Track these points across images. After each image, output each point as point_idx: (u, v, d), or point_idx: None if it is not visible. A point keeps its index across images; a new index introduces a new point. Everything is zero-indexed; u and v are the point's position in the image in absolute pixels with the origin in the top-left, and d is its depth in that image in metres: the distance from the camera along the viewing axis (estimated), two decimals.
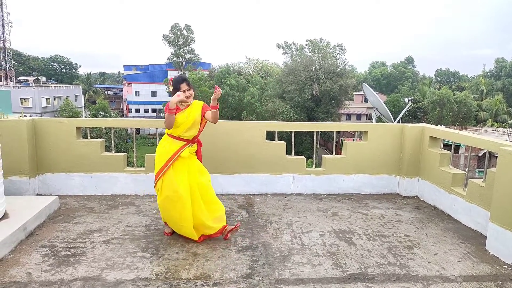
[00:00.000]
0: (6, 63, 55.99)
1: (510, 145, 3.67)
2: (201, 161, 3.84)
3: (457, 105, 42.13)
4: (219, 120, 3.76)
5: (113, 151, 5.15)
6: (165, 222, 3.81)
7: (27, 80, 57.60)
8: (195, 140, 3.73)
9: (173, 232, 3.79)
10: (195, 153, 3.76)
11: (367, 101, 39.07)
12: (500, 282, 3.05)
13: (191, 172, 3.62)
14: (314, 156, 6.30)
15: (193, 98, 3.69)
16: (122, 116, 56.70)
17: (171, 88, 3.63)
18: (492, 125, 40.32)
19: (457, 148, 23.52)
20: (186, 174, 3.58)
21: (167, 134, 3.66)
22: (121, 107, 65.20)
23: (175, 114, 3.53)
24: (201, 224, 3.58)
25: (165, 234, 3.81)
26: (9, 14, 56.46)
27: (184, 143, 3.63)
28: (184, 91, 3.54)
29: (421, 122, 6.22)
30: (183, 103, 3.64)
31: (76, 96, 52.84)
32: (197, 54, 56.95)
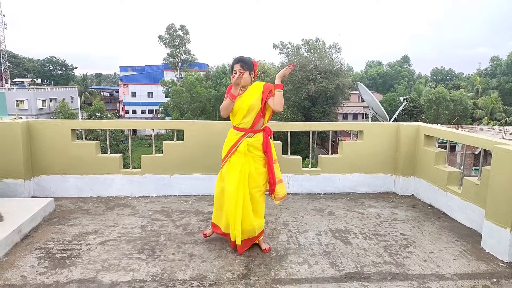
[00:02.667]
0: (1, 65, 55.70)
1: (505, 143, 3.69)
2: (269, 153, 3.38)
3: (453, 104, 42.29)
4: (216, 121, 3.61)
5: (109, 153, 5.13)
6: (213, 223, 3.61)
7: (23, 82, 57.19)
8: (256, 129, 3.34)
9: (211, 235, 3.67)
10: (260, 146, 3.35)
11: (363, 100, 39.20)
12: (495, 280, 3.06)
13: (242, 174, 3.28)
14: (311, 156, 6.30)
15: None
16: (119, 117, 56.53)
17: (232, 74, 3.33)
18: (488, 123, 40.50)
19: (453, 147, 23.62)
20: (238, 173, 3.27)
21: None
22: (118, 108, 65.03)
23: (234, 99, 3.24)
24: (251, 228, 3.35)
25: (203, 234, 3.71)
26: (4, 15, 56.14)
27: (242, 133, 3.31)
28: (236, 73, 3.22)
29: (417, 121, 6.23)
30: (241, 87, 3.32)
31: (72, 97, 52.59)
32: (193, 55, 56.91)
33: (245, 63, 3.32)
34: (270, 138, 3.47)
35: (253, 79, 3.41)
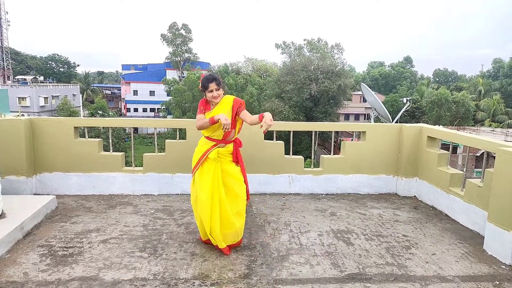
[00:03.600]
0: (4, 62, 55.81)
1: (508, 145, 3.68)
2: (240, 163, 3.53)
3: (455, 105, 42.22)
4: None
5: (111, 151, 5.13)
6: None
7: (25, 79, 57.40)
8: (227, 141, 3.46)
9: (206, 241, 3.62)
10: (230, 155, 3.47)
11: (365, 101, 39.14)
12: (497, 282, 3.05)
13: (215, 179, 3.37)
14: (313, 156, 6.29)
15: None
16: (120, 115, 56.60)
17: (199, 86, 3.46)
18: (490, 125, 40.41)
19: (455, 148, 23.58)
20: (211, 179, 3.36)
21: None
22: (119, 107, 65.09)
23: (204, 113, 3.39)
24: (233, 231, 3.39)
25: (200, 239, 3.70)
26: (7, 13, 56.20)
27: (214, 143, 3.43)
28: (212, 91, 3.34)
29: (419, 122, 6.22)
30: (212, 102, 3.44)
31: (74, 95, 52.71)
32: (195, 54, 56.93)
33: (219, 81, 3.40)
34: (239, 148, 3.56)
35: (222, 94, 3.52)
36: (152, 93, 58.45)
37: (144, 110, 58.24)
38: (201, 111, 3.45)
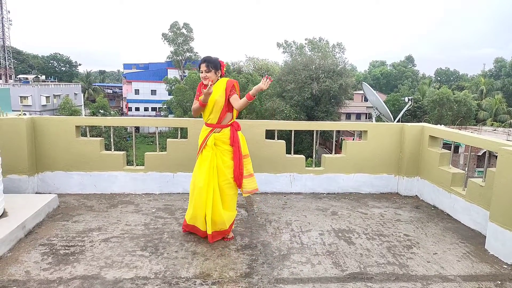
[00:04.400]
0: (5, 61, 55.91)
1: (510, 145, 3.67)
2: (235, 147, 3.51)
3: (456, 105, 42.11)
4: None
5: (113, 150, 5.14)
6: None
7: (27, 78, 57.50)
8: (223, 125, 3.49)
9: (186, 231, 3.75)
10: (228, 140, 3.49)
11: (366, 100, 39.06)
12: (499, 282, 3.05)
13: (211, 167, 3.44)
14: (314, 155, 6.29)
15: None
16: (122, 114, 56.66)
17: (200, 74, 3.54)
18: (491, 125, 40.30)
19: (456, 148, 23.53)
20: (207, 166, 3.43)
21: None
22: (121, 106, 65.16)
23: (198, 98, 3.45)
24: (221, 220, 3.48)
25: (183, 229, 3.82)
26: (9, 12, 56.31)
27: (211, 128, 3.49)
28: (202, 72, 3.44)
29: (421, 122, 6.21)
30: (205, 86, 3.45)
31: (75, 94, 52.75)
32: (197, 53, 56.91)
33: (210, 63, 3.46)
34: (239, 132, 3.60)
35: (219, 77, 3.55)
36: (153, 92, 58.49)
37: (146, 109, 58.30)
38: (196, 96, 3.52)
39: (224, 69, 3.58)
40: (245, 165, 3.58)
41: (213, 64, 3.46)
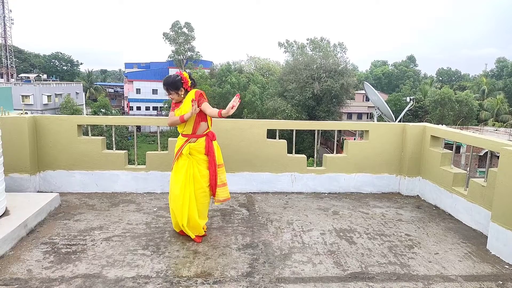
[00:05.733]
0: (7, 60, 56.00)
1: None
2: (210, 157, 3.60)
3: (458, 105, 42.03)
4: (220, 118, 3.68)
5: (114, 149, 5.15)
6: None
7: (28, 77, 57.58)
8: (198, 134, 3.59)
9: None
10: (203, 149, 3.58)
11: (368, 100, 39.05)
12: (501, 282, 3.05)
13: (188, 175, 3.53)
14: (315, 155, 6.28)
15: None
16: (123, 113, 56.73)
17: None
18: (493, 125, 40.21)
19: (458, 148, 23.48)
20: (183, 174, 3.52)
21: None
22: (122, 105, 65.22)
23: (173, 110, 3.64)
24: (196, 225, 3.60)
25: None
26: (11, 11, 56.46)
27: (186, 139, 3.61)
28: (168, 94, 3.63)
29: (422, 122, 6.21)
30: (178, 101, 3.66)
31: (77, 93, 52.83)
32: (198, 52, 56.95)
33: (169, 85, 3.56)
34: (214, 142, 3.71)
35: (188, 90, 3.62)
36: (155, 91, 58.49)
37: (147, 108, 58.33)
38: (172, 108, 3.68)
39: (189, 80, 3.59)
40: (219, 175, 3.67)
41: (172, 86, 3.56)
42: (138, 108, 58.43)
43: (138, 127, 46.68)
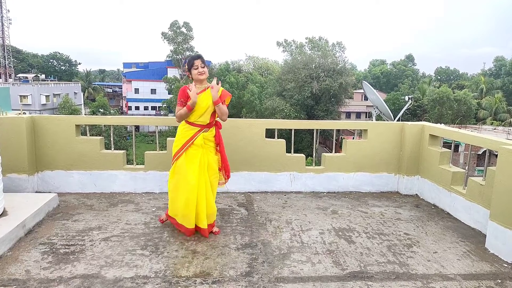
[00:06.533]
0: (5, 60, 55.87)
1: (510, 144, 3.66)
2: (221, 146, 3.75)
3: (456, 104, 42.13)
4: (218, 118, 3.71)
5: (113, 149, 5.13)
6: (166, 214, 3.89)
7: (26, 77, 57.47)
8: (212, 124, 3.64)
9: (166, 221, 3.94)
10: (213, 138, 3.68)
11: (366, 99, 39.06)
12: (499, 281, 3.05)
13: (202, 164, 3.57)
14: (314, 154, 6.28)
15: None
16: (122, 113, 56.67)
17: (186, 69, 3.66)
18: (491, 124, 40.34)
19: (456, 146, 23.53)
20: (198, 164, 3.54)
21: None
22: (121, 105, 65.16)
23: (184, 105, 3.51)
24: (213, 212, 3.68)
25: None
26: (8, 11, 56.29)
27: (199, 128, 3.57)
28: (197, 67, 3.54)
29: (421, 121, 6.22)
30: (197, 85, 3.59)
31: (75, 93, 52.79)
32: (197, 52, 56.86)
33: (204, 59, 3.61)
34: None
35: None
36: (153, 91, 58.48)
37: (146, 108, 58.30)
38: (181, 103, 3.53)
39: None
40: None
41: (204, 60, 3.62)
42: (137, 108, 58.41)
43: (137, 127, 46.67)
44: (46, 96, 46.31)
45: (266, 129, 5.20)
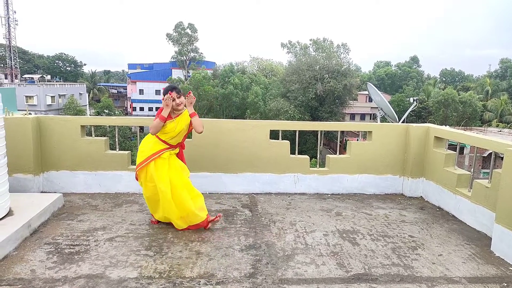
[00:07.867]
0: (11, 61, 56.28)
1: None
2: (183, 161, 4.04)
3: (462, 106, 41.90)
4: (224, 119, 3.78)
5: (117, 149, 5.16)
6: (152, 214, 4.06)
7: (32, 78, 57.89)
8: (178, 146, 3.95)
9: (159, 222, 4.01)
10: (175, 154, 3.96)
11: (371, 101, 38.95)
12: (505, 284, 3.03)
13: (171, 168, 3.79)
14: (318, 156, 6.27)
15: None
16: (126, 114, 56.88)
17: (162, 97, 3.82)
18: (497, 126, 40.05)
19: (461, 149, 23.40)
20: (167, 170, 3.75)
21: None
22: (125, 106, 65.40)
23: (165, 121, 3.73)
24: (190, 213, 3.75)
25: (152, 222, 4.03)
26: (15, 12, 56.66)
27: (167, 146, 3.82)
28: (174, 99, 3.73)
29: (426, 122, 6.19)
30: (175, 111, 3.82)
31: (80, 94, 53.04)
32: (201, 53, 57.07)
33: (179, 90, 3.85)
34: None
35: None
36: (158, 92, 58.51)
37: (150, 109, 58.43)
38: (162, 118, 3.72)
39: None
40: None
41: (180, 90, 3.87)
42: (141, 109, 58.58)
43: (141, 128, 46.60)
44: (51, 96, 46.56)
45: (270, 130, 5.20)
